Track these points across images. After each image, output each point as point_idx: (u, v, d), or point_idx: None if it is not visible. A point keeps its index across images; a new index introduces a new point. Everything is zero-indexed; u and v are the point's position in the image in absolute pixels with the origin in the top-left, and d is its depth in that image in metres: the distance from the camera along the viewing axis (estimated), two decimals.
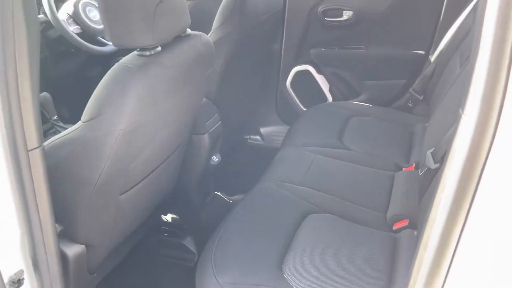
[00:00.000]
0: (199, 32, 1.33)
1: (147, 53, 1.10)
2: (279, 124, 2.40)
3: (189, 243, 1.80)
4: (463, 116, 0.58)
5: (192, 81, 1.26)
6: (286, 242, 1.29)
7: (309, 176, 1.62)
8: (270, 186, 1.55)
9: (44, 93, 1.90)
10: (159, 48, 1.12)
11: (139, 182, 1.30)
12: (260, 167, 1.74)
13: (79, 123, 1.08)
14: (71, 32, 1.96)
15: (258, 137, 2.44)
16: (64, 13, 1.98)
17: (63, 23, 1.93)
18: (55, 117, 1.92)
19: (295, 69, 2.28)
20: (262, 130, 2.44)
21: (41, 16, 1.94)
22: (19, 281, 1.01)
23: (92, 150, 1.05)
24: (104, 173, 1.09)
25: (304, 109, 2.32)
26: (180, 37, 1.25)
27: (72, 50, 2.05)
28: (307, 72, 2.28)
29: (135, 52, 1.12)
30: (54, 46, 2.03)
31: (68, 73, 2.10)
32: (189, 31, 1.27)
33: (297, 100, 2.34)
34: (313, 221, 1.38)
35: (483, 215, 0.61)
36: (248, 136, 2.44)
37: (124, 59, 1.10)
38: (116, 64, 1.10)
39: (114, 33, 1.08)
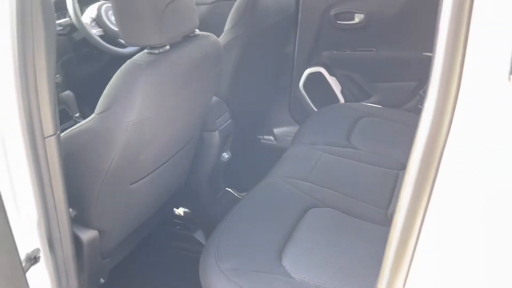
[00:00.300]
0: (208, 33, 1.41)
1: (156, 51, 1.18)
2: (292, 124, 2.46)
3: (199, 236, 1.88)
4: (425, 105, 0.63)
5: (199, 78, 1.34)
6: (287, 234, 1.35)
7: (314, 172, 1.67)
8: (276, 181, 1.61)
9: (68, 92, 2.02)
10: (167, 47, 1.21)
11: (149, 173, 1.39)
12: (271, 166, 1.80)
13: (93, 115, 1.17)
14: (94, 35, 2.07)
15: (271, 137, 2.50)
16: (87, 16, 2.10)
17: (86, 26, 2.04)
18: (77, 115, 2.03)
19: (308, 71, 2.34)
20: (275, 130, 2.50)
21: (66, 19, 2.06)
22: (35, 258, 1.10)
23: (103, 140, 1.14)
24: (115, 162, 1.18)
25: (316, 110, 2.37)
26: (189, 37, 1.33)
27: (95, 51, 2.17)
28: (319, 74, 2.34)
29: (145, 50, 1.20)
30: (78, 47, 2.14)
31: (91, 73, 2.22)
32: (197, 31, 1.35)
33: (309, 101, 2.40)
34: (315, 215, 1.43)
35: (445, 194, 0.65)
36: (262, 136, 2.51)
37: (135, 57, 1.19)
38: (128, 61, 1.18)
39: (126, 32, 1.17)
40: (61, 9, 2.09)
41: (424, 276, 0.72)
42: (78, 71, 2.15)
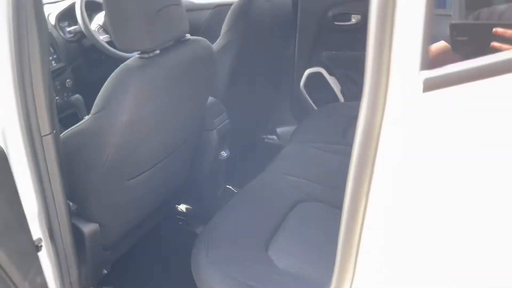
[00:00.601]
0: (199, 37, 1.49)
1: (146, 55, 1.27)
2: (294, 124, 2.52)
3: (201, 231, 1.96)
4: (363, 99, 0.70)
5: (189, 80, 1.42)
6: (275, 226, 1.42)
7: (308, 169, 1.73)
8: (270, 177, 1.69)
9: (77, 95, 2.13)
10: (157, 51, 1.29)
11: (146, 170, 1.47)
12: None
13: (89, 116, 1.27)
14: (102, 41, 2.18)
15: (275, 137, 2.57)
16: (95, 24, 2.22)
17: (94, 33, 2.15)
18: (86, 117, 2.14)
19: (308, 71, 2.41)
20: (278, 130, 2.57)
21: (76, 27, 2.18)
22: (37, 247, 1.21)
23: (98, 138, 1.24)
24: (110, 159, 1.27)
25: None
26: (180, 42, 1.41)
27: (103, 57, 2.28)
28: (319, 74, 2.40)
29: (136, 55, 1.29)
30: (87, 53, 2.26)
31: (99, 78, 2.32)
32: (188, 36, 1.44)
33: (310, 101, 2.46)
34: (303, 209, 1.50)
35: (383, 176, 0.72)
36: (265, 136, 2.58)
37: (128, 61, 1.28)
38: (121, 65, 1.28)
39: (119, 38, 1.26)
40: (72, 18, 2.21)
41: (370, 259, 0.78)
42: (87, 75, 2.26)
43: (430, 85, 0.60)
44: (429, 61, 0.61)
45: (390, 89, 0.65)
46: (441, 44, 1.21)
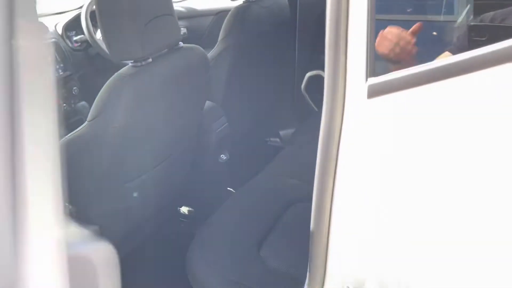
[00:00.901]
0: (192, 45, 1.54)
1: (139, 64, 1.32)
2: (297, 126, 2.55)
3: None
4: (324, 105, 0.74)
5: (183, 87, 1.47)
6: (268, 227, 1.46)
7: (304, 170, 1.75)
8: (265, 178, 1.73)
9: (83, 102, 2.21)
10: (149, 60, 1.35)
11: (144, 173, 1.53)
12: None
13: (85, 123, 1.33)
14: (106, 49, 2.25)
15: (278, 139, 2.60)
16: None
17: (99, 42, 2.23)
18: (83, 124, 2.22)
19: (308, 74, 2.42)
20: (281, 132, 2.60)
21: (82, 36, 2.27)
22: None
23: (93, 144, 1.30)
24: (106, 163, 1.33)
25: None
26: (173, 49, 1.46)
27: (109, 65, 2.36)
28: (319, 76, 2.42)
29: (130, 64, 1.35)
30: (93, 62, 2.34)
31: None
32: (181, 44, 1.49)
33: (311, 103, 2.49)
34: (296, 209, 1.54)
35: (345, 166, 0.77)
36: (268, 139, 2.62)
37: (121, 70, 1.34)
38: (115, 74, 1.34)
39: (112, 48, 1.32)
40: (78, 27, 2.30)
41: (339, 249, 0.83)
42: (93, 83, 2.33)
43: (373, 92, 0.64)
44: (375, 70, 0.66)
45: (347, 96, 0.69)
46: (444, 55, 1.23)
